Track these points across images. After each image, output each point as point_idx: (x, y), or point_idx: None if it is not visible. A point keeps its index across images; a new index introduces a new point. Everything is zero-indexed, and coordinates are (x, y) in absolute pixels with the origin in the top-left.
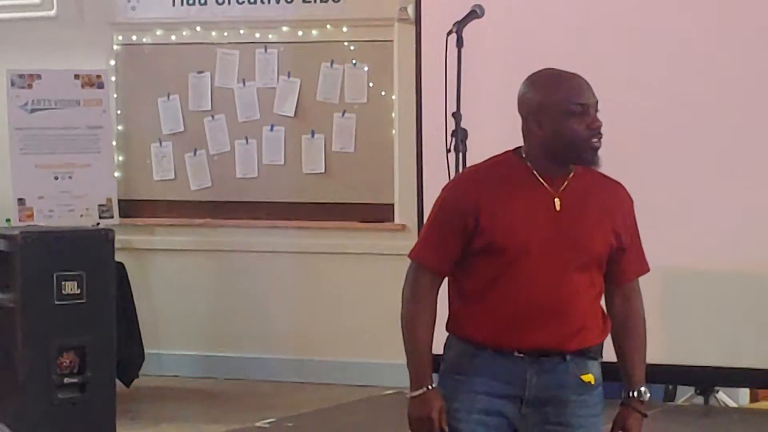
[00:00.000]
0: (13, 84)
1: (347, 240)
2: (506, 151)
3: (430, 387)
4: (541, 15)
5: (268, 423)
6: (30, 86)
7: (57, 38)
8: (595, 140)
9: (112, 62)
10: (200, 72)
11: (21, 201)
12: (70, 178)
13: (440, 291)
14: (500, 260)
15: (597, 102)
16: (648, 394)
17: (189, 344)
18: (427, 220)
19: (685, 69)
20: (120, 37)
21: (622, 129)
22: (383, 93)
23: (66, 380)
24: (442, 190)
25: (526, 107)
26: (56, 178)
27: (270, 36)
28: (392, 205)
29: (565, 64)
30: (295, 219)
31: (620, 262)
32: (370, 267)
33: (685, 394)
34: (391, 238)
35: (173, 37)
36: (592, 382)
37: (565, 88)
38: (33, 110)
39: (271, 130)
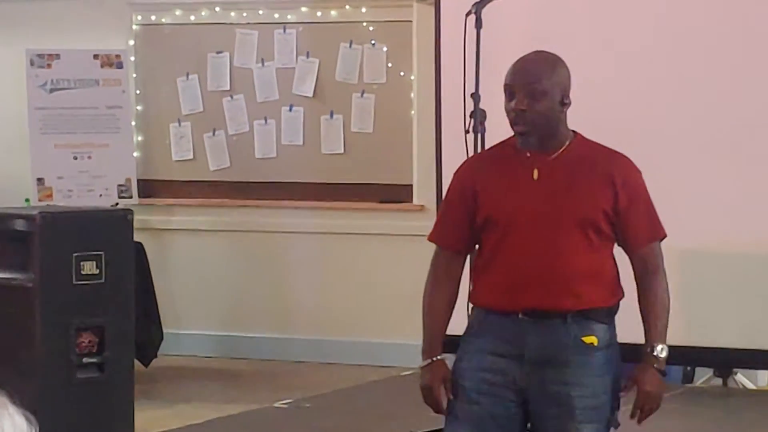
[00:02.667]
0: (32, 64)
1: (366, 220)
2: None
3: (435, 358)
4: None
5: (286, 403)
6: (49, 66)
7: (76, 18)
8: (515, 124)
9: (131, 42)
10: (219, 52)
11: (40, 181)
12: (89, 158)
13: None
14: (497, 232)
15: (526, 85)
16: (666, 352)
17: (207, 324)
18: (441, 204)
19: (708, 46)
20: (139, 17)
21: (639, 106)
22: (402, 73)
23: (85, 360)
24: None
25: None
26: (75, 158)
27: (289, 16)
28: (411, 185)
29: (583, 44)
30: (314, 199)
31: (629, 228)
32: (388, 247)
33: (703, 376)
34: (409, 219)
35: (192, 17)
36: (595, 344)
37: (508, 70)
38: (52, 90)
39: (290, 110)
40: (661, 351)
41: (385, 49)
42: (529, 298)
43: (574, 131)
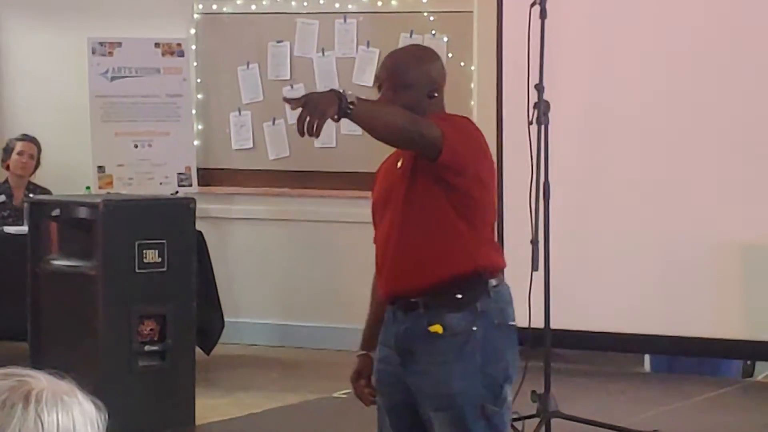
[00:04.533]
0: (94, 52)
1: None
2: None
3: (361, 353)
4: None
5: (345, 393)
6: (111, 54)
7: (138, 6)
8: None
9: (193, 31)
10: (280, 41)
11: (101, 169)
12: (149, 146)
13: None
14: (374, 221)
15: (390, 78)
16: (351, 100)
17: (267, 313)
18: None
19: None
20: (200, 6)
21: (704, 97)
22: (462, 64)
23: (146, 348)
24: None
25: None
26: (136, 146)
27: (350, 6)
28: None
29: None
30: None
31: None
32: None
33: (764, 371)
34: None
35: (253, 6)
36: (439, 332)
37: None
38: (113, 78)
39: None
40: (350, 97)
41: (445, 39)
42: (382, 287)
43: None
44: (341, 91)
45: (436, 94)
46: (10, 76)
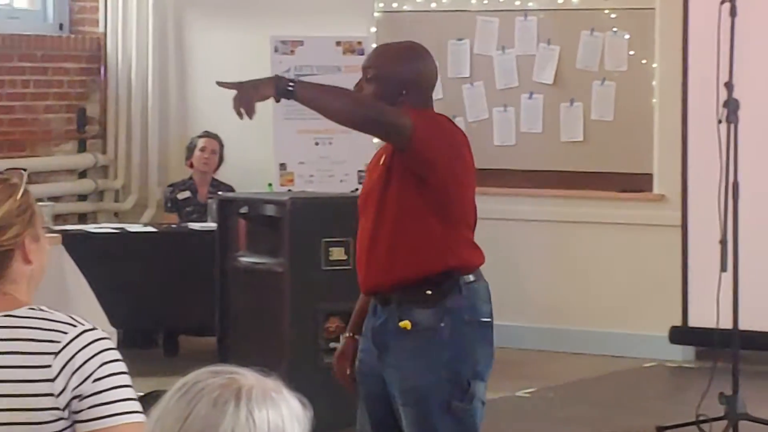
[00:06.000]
0: (276, 50)
1: (604, 209)
2: None
3: (346, 335)
4: None
5: (529, 392)
6: (293, 52)
7: (319, 5)
8: None
9: (373, 29)
10: (459, 39)
11: (282, 166)
12: (330, 143)
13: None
14: (359, 215)
15: (363, 68)
16: (290, 86)
17: None
18: None
19: None
20: (381, 4)
21: None
22: (644, 61)
23: (332, 345)
24: None
25: None
26: (317, 144)
27: (530, 3)
28: (651, 174)
29: None
30: (552, 187)
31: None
32: (626, 237)
33: None
34: (649, 208)
35: (433, 4)
36: (408, 328)
37: None
38: (296, 76)
39: (530, 97)
40: (289, 83)
41: (627, 36)
42: (360, 282)
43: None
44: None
45: (404, 93)
46: (194, 74)
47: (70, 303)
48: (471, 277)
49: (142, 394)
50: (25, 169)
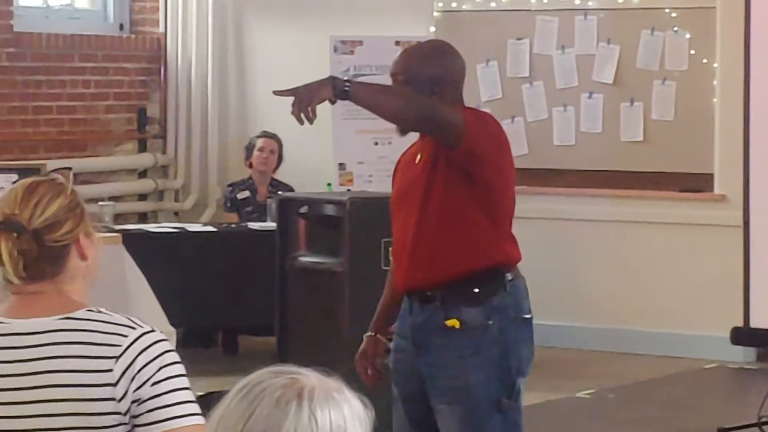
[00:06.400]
0: (335, 50)
1: (664, 209)
2: None
3: (368, 334)
4: None
5: (589, 393)
6: (352, 52)
7: (379, 4)
8: None
9: (432, 29)
10: (519, 39)
11: (341, 166)
12: (389, 143)
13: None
14: (391, 213)
15: (392, 75)
16: (346, 87)
17: None
18: None
19: None
20: (440, 4)
21: None
22: (704, 60)
23: (392, 345)
24: None
25: None
26: (376, 144)
27: (590, 2)
28: (711, 174)
29: None
30: (612, 187)
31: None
32: (686, 237)
33: None
34: (709, 209)
35: (493, 4)
36: (456, 326)
37: None
38: (354, 76)
39: (590, 97)
40: (345, 83)
41: (687, 36)
42: (399, 279)
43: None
44: (339, 77)
45: (435, 89)
46: (254, 75)
47: (129, 302)
48: (511, 275)
49: (201, 394)
50: (70, 168)
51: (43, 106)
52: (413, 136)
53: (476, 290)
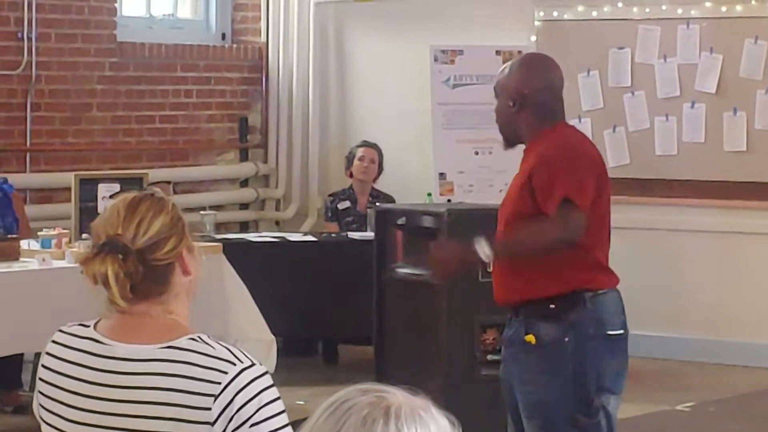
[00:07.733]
0: (436, 59)
1: (767, 220)
2: None
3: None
4: None
5: (689, 406)
6: (452, 62)
7: (480, 14)
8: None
9: (533, 38)
10: (620, 48)
11: (442, 175)
12: (490, 153)
13: None
14: None
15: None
16: (487, 249)
17: None
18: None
19: None
20: (541, 13)
21: None
22: None
23: (488, 357)
24: None
25: None
26: (476, 153)
27: (693, 12)
28: None
29: None
30: (715, 198)
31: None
32: None
33: None
34: None
35: (594, 13)
36: (533, 342)
37: None
38: (455, 86)
39: (692, 107)
40: (481, 243)
41: None
42: (495, 293)
43: (548, 129)
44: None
45: (511, 104)
46: (354, 85)
47: (230, 312)
48: (591, 292)
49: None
50: (169, 182)
51: (145, 116)
52: (517, 147)
53: (552, 306)
